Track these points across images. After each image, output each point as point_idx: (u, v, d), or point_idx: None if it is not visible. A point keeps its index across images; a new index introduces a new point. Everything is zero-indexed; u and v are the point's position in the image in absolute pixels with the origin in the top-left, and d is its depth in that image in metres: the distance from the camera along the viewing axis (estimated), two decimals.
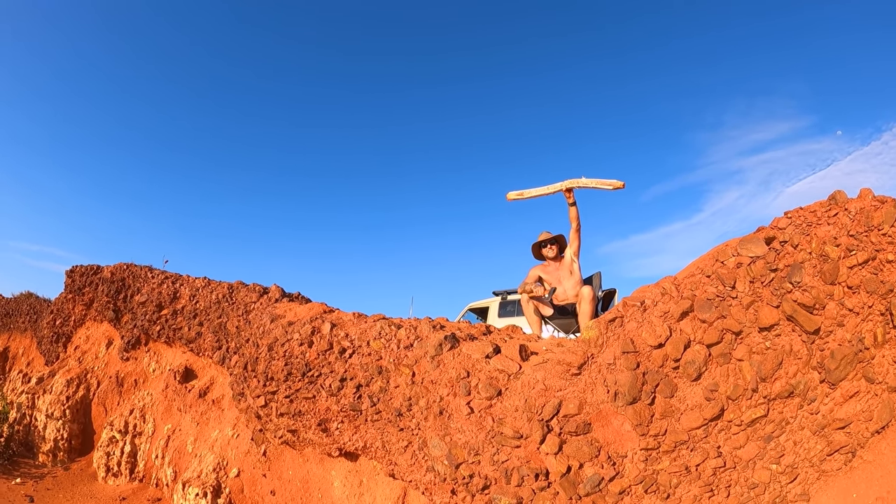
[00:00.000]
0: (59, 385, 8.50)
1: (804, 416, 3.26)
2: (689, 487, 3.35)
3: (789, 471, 3.27)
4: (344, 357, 4.57)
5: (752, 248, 3.41)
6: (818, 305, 3.19)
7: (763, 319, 3.29)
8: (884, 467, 3.10)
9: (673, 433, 3.36)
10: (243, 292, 6.55)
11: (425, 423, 4.01)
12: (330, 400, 4.56)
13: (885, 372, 3.13)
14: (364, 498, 4.85)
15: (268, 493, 5.53)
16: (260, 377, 5.14)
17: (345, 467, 5.04)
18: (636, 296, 3.69)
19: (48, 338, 9.70)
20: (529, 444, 3.58)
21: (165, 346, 7.85)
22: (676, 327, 3.43)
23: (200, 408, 6.76)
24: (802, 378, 3.24)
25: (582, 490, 3.44)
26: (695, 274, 3.55)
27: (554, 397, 3.57)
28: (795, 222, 3.38)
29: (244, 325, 6.02)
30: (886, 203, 3.14)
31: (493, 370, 3.84)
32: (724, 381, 3.33)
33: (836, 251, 3.17)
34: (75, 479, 7.69)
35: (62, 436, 8.27)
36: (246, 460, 5.76)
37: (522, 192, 5.79)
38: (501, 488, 3.62)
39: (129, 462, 7.41)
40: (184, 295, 7.52)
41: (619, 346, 3.50)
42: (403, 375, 4.20)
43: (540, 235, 6.06)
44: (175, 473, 6.71)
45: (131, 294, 8.32)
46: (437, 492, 3.95)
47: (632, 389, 3.39)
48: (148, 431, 7.43)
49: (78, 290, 9.23)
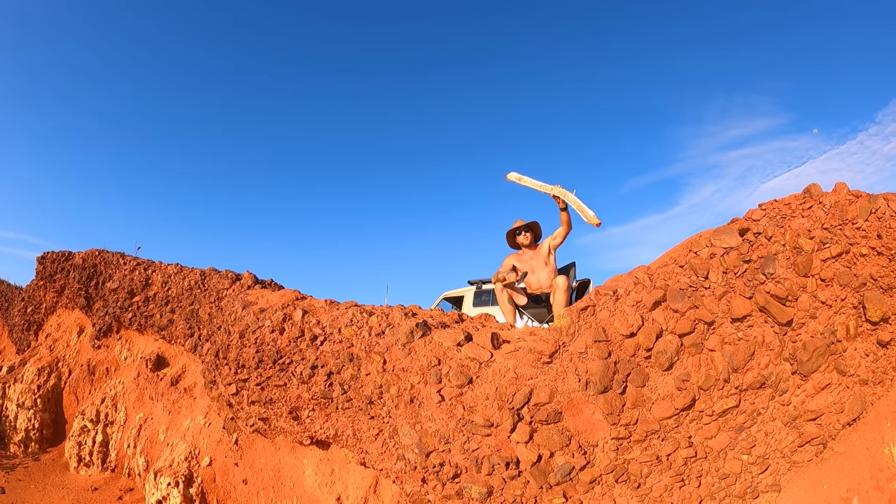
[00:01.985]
0: (31, 374, 8.33)
1: (776, 408, 3.25)
2: (660, 477, 3.33)
3: (760, 461, 3.26)
4: (315, 344, 4.49)
5: (725, 238, 3.39)
6: (791, 297, 3.18)
7: (736, 310, 3.27)
8: (854, 459, 3.10)
9: (644, 423, 3.33)
10: (216, 279, 6.44)
11: (396, 412, 3.95)
12: (301, 388, 4.48)
13: (857, 365, 3.13)
14: (336, 486, 4.80)
15: (240, 481, 5.45)
16: (231, 365, 5.04)
17: (316, 456, 4.97)
18: (609, 285, 3.65)
19: (19, 326, 9.51)
20: (500, 432, 3.54)
21: (137, 333, 7.71)
22: (649, 317, 3.40)
23: (172, 396, 6.64)
24: (774, 369, 3.23)
25: (553, 479, 3.41)
26: (668, 264, 3.52)
27: (525, 386, 3.53)
28: (770, 214, 3.36)
29: (216, 312, 5.91)
30: (861, 198, 3.13)
31: (465, 358, 3.79)
32: (695, 371, 3.31)
33: (810, 244, 3.16)
34: (47, 469, 7.54)
35: (33, 425, 8.12)
36: (218, 449, 5.67)
37: (522, 178, 5.77)
38: (472, 477, 3.58)
39: (100, 452, 7.28)
40: (156, 282, 7.38)
41: (590, 334, 3.46)
42: (374, 363, 4.13)
43: (514, 223, 5.99)
44: (147, 463, 6.61)
45: (103, 281, 8.16)
46: (407, 480, 3.90)
47: (603, 378, 3.36)
48: (120, 420, 7.30)
49: (49, 277, 9.04)
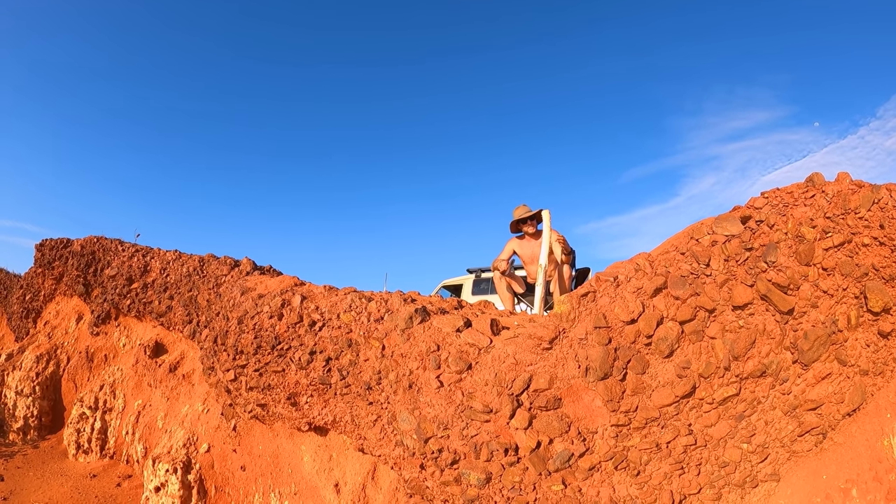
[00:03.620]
0: (29, 361, 8.34)
1: (776, 396, 3.24)
2: (660, 465, 3.32)
3: (760, 450, 3.26)
4: (314, 330, 4.47)
5: (727, 226, 3.37)
6: (792, 286, 3.16)
7: (737, 298, 3.25)
8: (854, 450, 3.09)
9: (644, 410, 3.32)
10: (214, 265, 6.42)
11: (395, 397, 3.94)
12: (299, 373, 4.47)
13: (858, 355, 3.12)
14: (334, 472, 4.79)
15: (238, 468, 5.45)
16: (230, 351, 5.03)
17: (315, 442, 4.97)
18: (609, 271, 3.63)
19: (18, 313, 9.51)
20: (499, 418, 3.53)
21: (136, 320, 7.71)
22: (650, 303, 3.39)
23: (171, 383, 6.64)
24: (775, 358, 3.21)
25: (552, 466, 3.40)
26: (669, 251, 3.50)
27: (524, 372, 3.51)
28: (772, 202, 3.34)
29: (215, 298, 5.90)
30: (864, 188, 3.11)
31: (464, 344, 3.77)
32: (696, 358, 3.29)
33: (812, 233, 3.14)
34: (46, 456, 7.56)
35: (32, 413, 8.14)
36: (216, 435, 5.67)
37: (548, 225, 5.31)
38: (470, 463, 3.57)
39: (99, 439, 7.30)
40: (154, 268, 7.37)
41: (591, 321, 3.44)
42: (373, 348, 4.12)
43: (518, 209, 5.93)
44: (145, 449, 6.62)
45: (101, 268, 8.14)
46: (406, 466, 3.89)
47: (603, 365, 3.34)
48: (118, 407, 7.31)
49: (48, 265, 9.03)
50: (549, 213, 5.26)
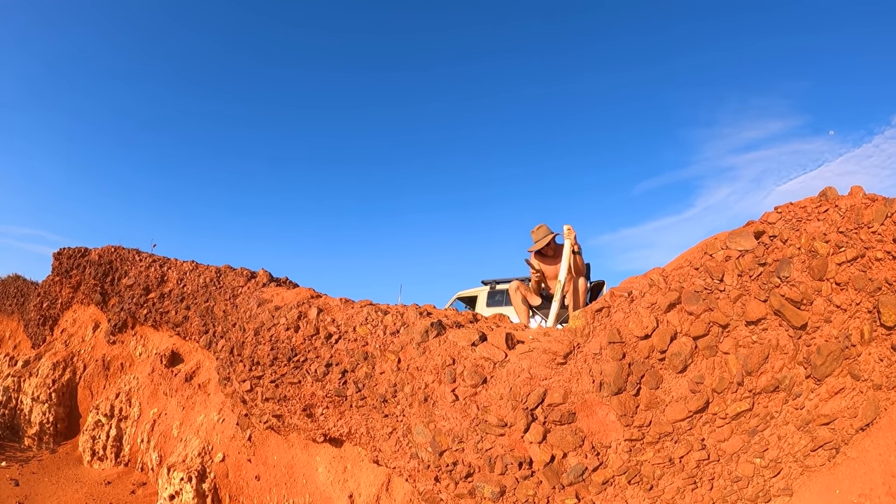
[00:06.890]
0: (46, 368, 8.44)
1: (789, 411, 3.25)
2: (673, 479, 3.34)
3: (773, 465, 3.27)
4: (330, 342, 4.53)
5: (741, 241, 3.40)
6: (806, 301, 3.18)
7: (750, 313, 3.28)
8: (867, 464, 3.09)
9: (657, 424, 3.35)
10: (231, 276, 6.51)
11: (410, 410, 3.98)
12: (315, 385, 4.53)
13: (871, 370, 3.12)
14: (348, 484, 4.84)
15: (252, 478, 5.51)
16: (246, 362, 5.10)
17: (329, 453, 5.02)
18: (624, 286, 3.67)
19: (35, 321, 9.63)
20: (514, 432, 3.56)
21: (152, 329, 7.80)
22: (663, 319, 3.42)
23: (186, 392, 6.72)
24: (788, 373, 3.23)
25: (565, 479, 3.43)
26: (683, 266, 3.53)
27: (539, 386, 3.55)
28: (785, 217, 3.36)
29: (231, 309, 5.98)
30: (877, 201, 3.12)
31: (479, 358, 3.81)
32: (709, 373, 3.32)
33: (826, 247, 3.16)
34: (61, 462, 7.64)
35: (48, 419, 8.22)
36: (231, 445, 5.73)
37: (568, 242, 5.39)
38: (485, 476, 3.61)
39: (114, 446, 7.37)
40: (171, 278, 7.46)
41: (605, 336, 3.48)
42: (389, 361, 4.17)
43: (537, 231, 5.89)
44: (160, 458, 6.68)
45: (118, 277, 8.25)
46: (420, 479, 3.93)
47: (617, 380, 3.38)
48: (134, 415, 7.39)
49: (65, 273, 9.15)
50: (571, 229, 5.23)
